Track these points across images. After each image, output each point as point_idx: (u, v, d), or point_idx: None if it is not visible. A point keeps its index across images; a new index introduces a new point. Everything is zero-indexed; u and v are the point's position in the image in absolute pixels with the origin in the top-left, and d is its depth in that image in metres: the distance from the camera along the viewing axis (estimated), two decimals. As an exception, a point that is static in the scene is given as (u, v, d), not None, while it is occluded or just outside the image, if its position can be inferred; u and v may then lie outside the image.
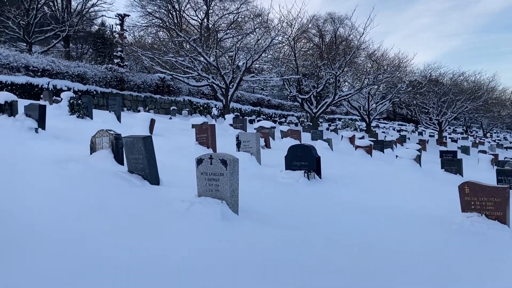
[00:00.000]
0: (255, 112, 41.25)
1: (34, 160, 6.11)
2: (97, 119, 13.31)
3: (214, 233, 3.91)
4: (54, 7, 37.48)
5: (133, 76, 30.33)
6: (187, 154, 9.12)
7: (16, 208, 3.87)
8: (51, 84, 22.68)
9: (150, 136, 5.72)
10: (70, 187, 4.94)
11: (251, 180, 6.76)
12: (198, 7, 40.50)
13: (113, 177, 5.54)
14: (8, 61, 21.44)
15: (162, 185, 5.73)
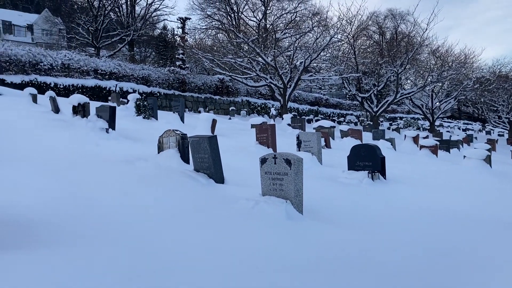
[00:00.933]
0: (313, 112, 40.95)
1: (107, 159, 6.44)
2: (161, 119, 13.79)
3: (280, 232, 3.94)
4: (119, 13, 39.28)
5: (194, 77, 31.13)
6: (248, 153, 9.25)
7: (93, 204, 4.10)
8: (118, 87, 23.79)
9: (215, 136, 5.86)
10: (140, 184, 5.15)
11: (313, 180, 6.72)
12: (256, 8, 40.85)
13: (180, 175, 5.72)
14: (79, 65, 22.76)
15: (227, 183, 5.84)
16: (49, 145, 6.92)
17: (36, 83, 20.19)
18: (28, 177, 4.76)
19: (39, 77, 20.78)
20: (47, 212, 3.63)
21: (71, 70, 22.50)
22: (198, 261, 3.02)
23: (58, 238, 3.12)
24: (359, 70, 33.85)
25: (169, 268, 2.84)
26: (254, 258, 3.22)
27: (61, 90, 21.08)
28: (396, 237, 4.36)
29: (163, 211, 4.22)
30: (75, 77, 22.61)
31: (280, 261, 3.22)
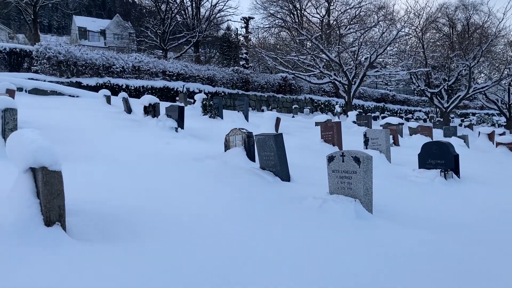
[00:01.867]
0: (379, 108, 39.83)
1: (177, 157, 6.66)
2: (226, 118, 14.05)
3: (349, 231, 3.86)
4: (185, 15, 40.47)
5: (257, 76, 31.39)
6: (313, 151, 9.17)
7: (166, 200, 4.26)
8: (185, 87, 24.55)
9: (281, 134, 5.87)
10: (209, 181, 5.28)
11: (382, 178, 6.53)
12: (319, 4, 40.36)
13: (247, 173, 5.79)
14: (148, 67, 23.75)
15: (293, 181, 5.83)
16: (123, 144, 7.28)
17: (109, 85, 21.33)
18: (106, 174, 5.04)
19: (112, 79, 21.93)
20: (125, 207, 3.82)
21: (141, 72, 23.53)
22: (267, 260, 3.04)
23: (138, 233, 3.27)
24: (428, 64, 32.41)
25: (239, 265, 2.88)
26: (325, 259, 3.18)
27: (132, 91, 22.11)
28: (474, 238, 4.13)
29: (231, 208, 4.29)
30: (145, 78, 23.62)
31: (352, 261, 3.16)
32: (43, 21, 70.09)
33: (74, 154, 5.79)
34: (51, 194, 2.88)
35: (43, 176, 2.87)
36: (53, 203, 2.87)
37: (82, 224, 3.21)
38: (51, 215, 2.87)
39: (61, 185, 2.93)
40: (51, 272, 2.40)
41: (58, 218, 2.89)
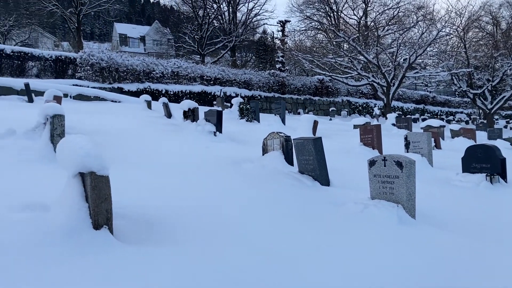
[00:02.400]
0: (419, 110, 38.88)
1: (216, 160, 6.75)
2: (263, 122, 14.09)
3: (393, 237, 3.79)
4: (222, 20, 40.94)
5: (293, 79, 31.34)
6: (352, 155, 9.05)
7: (207, 203, 4.31)
8: (222, 91, 24.82)
9: (320, 138, 5.83)
10: (248, 185, 5.31)
11: (424, 183, 6.37)
12: (356, 5, 39.89)
13: (285, 177, 5.79)
14: (187, 72, 24.19)
15: (332, 186, 5.78)
16: (164, 148, 7.44)
17: (149, 90, 21.84)
18: (148, 177, 5.16)
19: (152, 84, 22.45)
20: (167, 210, 3.90)
21: (179, 77, 23.98)
22: (314, 266, 3.03)
23: (181, 236, 3.33)
24: (470, 64, 31.40)
25: (281, 271, 2.89)
26: (369, 266, 3.14)
27: (171, 96, 22.55)
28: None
29: (270, 212, 4.30)
30: (183, 83, 24.05)
31: (398, 269, 3.11)
32: (86, 29, 72.66)
33: (117, 158, 5.96)
34: (99, 198, 2.98)
35: (92, 181, 2.98)
36: (101, 207, 2.97)
37: (128, 227, 3.31)
38: (99, 219, 2.97)
39: (108, 189, 3.03)
40: (101, 274, 2.49)
41: (105, 222, 2.99)
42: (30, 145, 5.96)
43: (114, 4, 46.45)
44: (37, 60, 21.78)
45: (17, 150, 5.71)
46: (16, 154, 5.47)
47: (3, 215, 3.12)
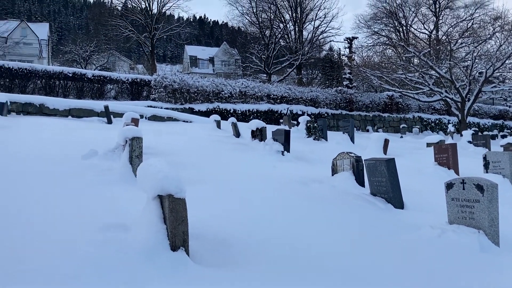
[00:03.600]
0: (497, 126, 36.52)
1: (283, 180, 6.76)
2: (331, 140, 13.93)
3: (476, 266, 3.57)
4: (288, 39, 41.38)
5: (361, 96, 30.81)
6: (426, 175, 8.68)
7: (272, 225, 4.32)
8: (289, 110, 24.95)
9: (393, 159, 5.67)
10: (317, 206, 5.26)
11: (508, 206, 5.95)
12: (427, 19, 38.71)
13: (357, 199, 5.67)
14: (254, 92, 24.63)
15: (407, 208, 5.57)
16: (233, 168, 7.58)
17: (218, 110, 22.46)
18: (218, 197, 5.27)
19: (221, 104, 23.09)
20: (237, 231, 3.96)
21: (247, 96, 24.46)
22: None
23: (251, 258, 3.37)
24: (556, 76, 29.12)
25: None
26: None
27: (239, 115, 23.03)
28: None
29: (342, 236, 4.22)
30: (251, 102, 24.49)
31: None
32: (159, 52, 76.57)
33: (189, 177, 6.15)
34: (176, 220, 3.09)
35: (170, 203, 3.11)
36: (178, 229, 3.09)
37: (202, 248, 3.39)
38: (176, 240, 3.08)
39: (185, 212, 3.14)
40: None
41: (182, 243, 3.10)
42: (110, 166, 6.33)
43: (185, 28, 48.58)
44: (115, 83, 23.22)
45: (99, 170, 6.09)
46: (98, 175, 5.83)
47: (90, 235, 3.33)
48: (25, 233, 3.36)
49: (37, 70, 20.82)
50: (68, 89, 21.81)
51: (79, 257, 2.94)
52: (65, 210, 4.07)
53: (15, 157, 6.64)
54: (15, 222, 3.60)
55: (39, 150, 7.41)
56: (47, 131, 10.30)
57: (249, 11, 42.15)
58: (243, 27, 45.42)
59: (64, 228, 3.53)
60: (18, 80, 20.23)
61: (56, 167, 6.04)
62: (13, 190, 4.70)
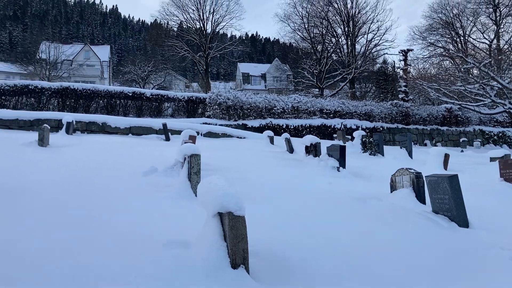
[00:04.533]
0: None
1: (340, 197, 6.66)
2: (388, 155, 13.58)
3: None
4: (340, 53, 41.09)
5: (418, 109, 29.90)
6: (492, 192, 8.22)
7: (331, 243, 4.25)
8: (342, 124, 24.65)
9: (456, 176, 5.44)
10: (376, 224, 5.12)
11: None
12: (486, 28, 37.14)
13: (417, 217, 5.47)
14: (307, 107, 24.58)
15: (472, 227, 5.30)
16: (288, 184, 7.56)
17: (271, 126, 22.59)
18: (275, 214, 5.27)
19: (273, 120, 23.21)
20: (294, 248, 3.93)
21: (299, 111, 24.45)
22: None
23: (312, 278, 3.33)
24: None
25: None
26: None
27: (292, 130, 23.02)
28: None
29: (402, 254, 4.09)
30: (303, 117, 24.45)
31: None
32: (212, 70, 78.50)
33: (245, 194, 6.21)
34: (236, 238, 3.13)
35: (229, 221, 3.15)
36: (238, 246, 3.12)
37: (260, 266, 3.40)
38: (237, 258, 3.11)
39: (244, 229, 3.17)
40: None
41: (242, 261, 3.12)
42: (169, 182, 6.52)
43: (238, 46, 49.62)
44: (172, 101, 24.01)
45: (159, 187, 6.29)
46: (159, 191, 6.02)
47: (154, 251, 3.44)
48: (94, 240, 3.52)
49: (99, 91, 21.96)
50: (128, 108, 22.79)
51: (145, 272, 3.04)
52: (128, 225, 4.23)
53: (80, 173, 7.00)
54: (88, 230, 3.79)
55: (102, 166, 7.77)
56: (109, 149, 10.79)
57: (301, 27, 42.44)
58: (295, 43, 45.70)
59: (128, 243, 3.66)
60: (82, 100, 21.41)
61: (119, 185, 6.31)
62: (78, 203, 4.95)
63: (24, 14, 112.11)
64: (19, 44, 67.68)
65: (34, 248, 3.41)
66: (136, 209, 4.95)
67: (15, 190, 5.36)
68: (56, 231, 3.88)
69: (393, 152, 14.47)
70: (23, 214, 4.38)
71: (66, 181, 6.27)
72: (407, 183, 6.57)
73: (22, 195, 5.16)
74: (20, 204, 4.77)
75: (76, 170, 7.33)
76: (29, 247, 3.42)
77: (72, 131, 14.20)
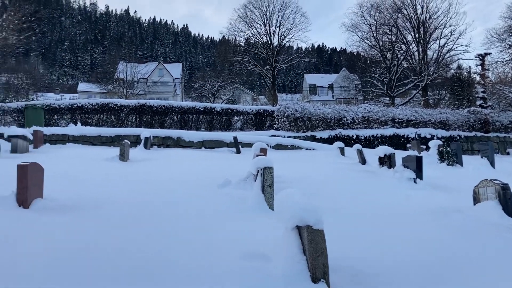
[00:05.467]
0: None
1: (418, 210, 6.40)
2: (467, 165, 12.85)
3: None
4: (411, 60, 39.73)
5: (498, 116, 28.04)
6: None
7: (412, 258, 4.08)
8: (416, 133, 23.72)
9: (550, 187, 5.03)
10: (461, 239, 4.85)
11: None
12: None
13: (507, 231, 5.12)
14: (377, 116, 23.95)
15: None
16: (363, 196, 7.39)
17: (340, 136, 22.25)
18: (351, 227, 5.17)
19: (343, 130, 22.85)
20: (376, 264, 3.82)
21: (370, 121, 23.88)
22: None
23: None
24: None
25: None
26: None
27: (362, 141, 22.51)
28: None
29: (492, 270, 3.83)
30: (374, 127, 23.83)
31: None
32: (279, 82, 79.09)
33: (320, 207, 6.16)
34: (315, 251, 3.11)
35: (308, 234, 3.14)
36: (318, 260, 3.10)
37: (341, 281, 3.34)
38: (317, 272, 3.08)
39: (324, 243, 3.14)
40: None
41: (322, 275, 3.09)
42: (242, 195, 6.63)
43: (304, 58, 49.68)
44: (241, 114, 24.48)
45: (234, 199, 6.42)
46: (234, 203, 6.14)
47: (234, 262, 3.51)
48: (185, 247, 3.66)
49: (173, 106, 22.93)
50: (199, 122, 23.57)
51: (225, 283, 3.11)
52: (209, 236, 4.35)
53: (160, 187, 7.33)
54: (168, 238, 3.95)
55: (180, 179, 8.09)
56: (185, 162, 11.20)
57: (369, 35, 41.63)
58: (363, 52, 44.87)
59: (207, 254, 3.76)
60: (157, 116, 22.47)
61: (197, 198, 6.52)
62: (160, 215, 5.18)
63: (103, 37, 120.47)
64: (99, 65, 72.65)
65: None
66: (213, 221, 5.08)
67: (105, 202, 5.73)
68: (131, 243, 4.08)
69: (473, 162, 13.67)
70: (120, 224, 4.66)
71: (148, 193, 6.60)
72: (492, 195, 6.18)
73: (109, 206, 5.51)
74: (106, 215, 5.08)
75: (156, 183, 7.69)
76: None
77: (150, 146, 14.92)
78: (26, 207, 5.10)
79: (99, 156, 11.44)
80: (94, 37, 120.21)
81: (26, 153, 11.96)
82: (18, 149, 11.74)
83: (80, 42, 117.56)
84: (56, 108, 21.50)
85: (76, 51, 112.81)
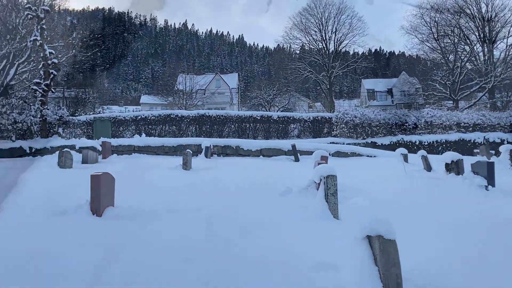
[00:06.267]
0: None
1: (495, 220, 6.05)
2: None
3: None
4: (476, 62, 37.88)
5: None
6: None
7: (489, 268, 3.85)
8: (484, 138, 22.53)
9: None
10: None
11: None
12: None
13: None
14: (441, 121, 22.99)
15: None
16: (430, 205, 7.09)
17: (402, 142, 21.55)
18: (420, 239, 4.95)
19: (405, 136, 22.15)
20: (456, 280, 3.63)
21: (433, 126, 22.97)
22: None
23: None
24: None
25: None
26: None
27: (425, 146, 21.68)
28: None
29: None
30: (438, 132, 22.90)
31: None
32: (335, 88, 78.11)
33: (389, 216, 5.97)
34: (388, 262, 3.01)
35: (380, 245, 3.05)
36: (390, 271, 3.00)
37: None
38: (390, 284, 2.98)
39: (396, 254, 3.04)
40: None
41: (396, 287, 2.98)
42: (304, 203, 6.57)
43: (361, 62, 48.80)
44: (298, 122, 24.42)
45: (296, 207, 6.37)
46: (296, 212, 6.09)
47: (304, 273, 3.48)
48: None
49: (231, 116, 23.31)
50: (256, 130, 23.76)
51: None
52: (272, 247, 4.34)
53: (224, 195, 7.45)
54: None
55: (241, 187, 8.18)
56: (245, 171, 11.31)
57: (429, 37, 40.17)
58: (423, 55, 43.33)
59: (275, 265, 3.75)
60: (216, 126, 22.94)
61: (259, 205, 6.56)
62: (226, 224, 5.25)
63: (163, 51, 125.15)
64: (159, 78, 75.45)
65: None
66: (278, 230, 5.07)
67: (180, 209, 5.91)
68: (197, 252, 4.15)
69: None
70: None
71: (215, 202, 6.73)
72: None
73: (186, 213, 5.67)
74: (187, 220, 5.23)
75: (220, 191, 7.84)
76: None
77: (210, 155, 15.21)
78: (99, 215, 5.35)
79: (163, 165, 11.81)
80: (154, 51, 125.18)
81: (96, 163, 12.58)
82: (89, 159, 12.38)
83: (141, 56, 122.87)
84: (121, 120, 22.56)
85: (138, 65, 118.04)
